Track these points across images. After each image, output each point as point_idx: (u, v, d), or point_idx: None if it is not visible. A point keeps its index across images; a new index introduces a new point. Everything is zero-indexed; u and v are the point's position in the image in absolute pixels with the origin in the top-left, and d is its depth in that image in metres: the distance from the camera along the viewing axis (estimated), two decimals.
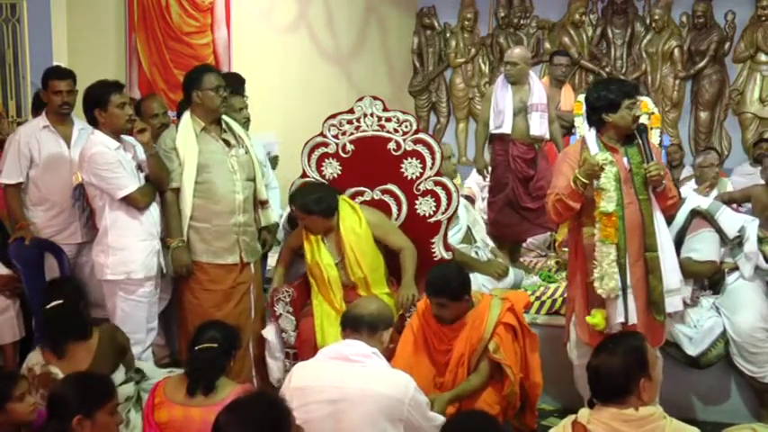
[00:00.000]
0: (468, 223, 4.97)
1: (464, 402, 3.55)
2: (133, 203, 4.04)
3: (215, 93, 4.18)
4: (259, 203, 4.46)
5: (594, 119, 3.80)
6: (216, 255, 4.24)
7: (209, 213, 4.20)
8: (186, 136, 4.18)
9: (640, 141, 3.73)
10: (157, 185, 4.18)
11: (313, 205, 4.24)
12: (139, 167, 4.17)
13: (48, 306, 3.54)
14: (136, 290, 4.05)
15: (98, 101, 4.03)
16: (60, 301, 3.52)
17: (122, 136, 4.13)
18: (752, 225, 4.33)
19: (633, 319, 3.66)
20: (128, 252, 4.04)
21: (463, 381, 3.59)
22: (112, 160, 3.98)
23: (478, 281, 4.64)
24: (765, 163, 5.21)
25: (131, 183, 4.02)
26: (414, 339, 3.71)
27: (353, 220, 4.32)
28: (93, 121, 4.08)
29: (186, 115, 4.25)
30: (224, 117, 4.34)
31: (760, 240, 4.37)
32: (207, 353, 3.17)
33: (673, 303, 3.76)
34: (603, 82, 4.04)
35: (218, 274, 4.25)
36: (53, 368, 3.32)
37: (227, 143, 4.29)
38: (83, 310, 3.64)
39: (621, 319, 3.65)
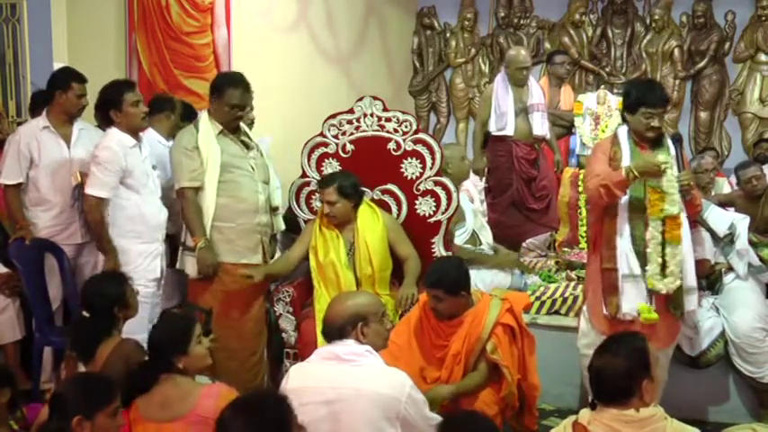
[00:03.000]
0: (474, 228, 4.97)
1: (463, 402, 3.54)
2: (87, 204, 4.06)
3: (230, 109, 4.15)
4: (271, 209, 4.42)
5: (622, 114, 3.93)
6: (240, 254, 4.20)
7: (233, 212, 4.16)
8: (207, 136, 4.14)
9: (674, 151, 3.77)
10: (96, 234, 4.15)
11: (350, 189, 4.26)
12: (153, 167, 4.19)
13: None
14: (139, 291, 4.04)
15: (113, 101, 4.06)
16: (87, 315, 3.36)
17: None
18: (742, 222, 4.34)
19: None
20: (131, 255, 4.05)
21: (458, 378, 3.59)
22: (113, 161, 4.00)
23: (474, 281, 4.63)
24: (741, 175, 4.98)
25: (105, 190, 4.04)
26: (408, 330, 3.70)
27: (372, 217, 4.34)
28: (110, 122, 4.10)
29: (204, 116, 4.23)
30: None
31: (754, 245, 4.37)
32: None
33: (691, 301, 3.82)
34: (640, 82, 4.13)
35: (242, 276, 4.20)
36: None
37: (246, 145, 4.29)
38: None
39: (643, 301, 3.71)
